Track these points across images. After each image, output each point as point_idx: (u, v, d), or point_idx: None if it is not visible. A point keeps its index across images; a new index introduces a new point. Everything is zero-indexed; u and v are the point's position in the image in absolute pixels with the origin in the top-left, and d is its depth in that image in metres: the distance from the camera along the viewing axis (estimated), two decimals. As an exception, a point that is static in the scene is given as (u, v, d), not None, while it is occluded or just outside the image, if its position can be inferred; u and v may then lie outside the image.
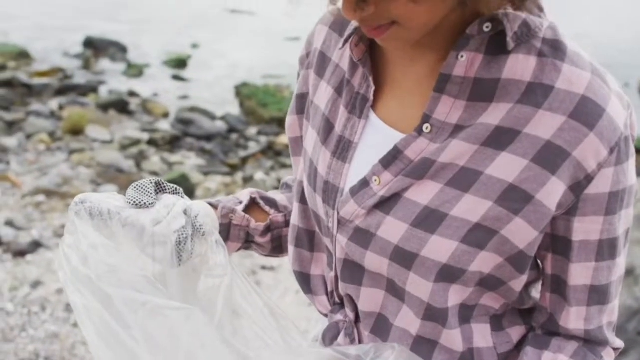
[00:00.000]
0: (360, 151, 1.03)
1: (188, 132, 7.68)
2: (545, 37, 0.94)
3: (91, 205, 1.02)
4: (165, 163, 6.70)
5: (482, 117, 0.94)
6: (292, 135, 1.20)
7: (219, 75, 9.91)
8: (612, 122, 0.92)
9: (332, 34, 1.12)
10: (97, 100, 8.34)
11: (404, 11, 0.86)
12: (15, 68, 9.36)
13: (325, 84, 1.11)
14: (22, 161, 6.32)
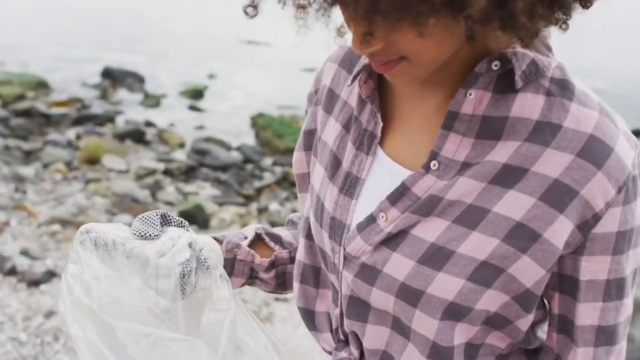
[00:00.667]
0: (368, 187, 1.03)
1: (203, 162, 7.71)
2: (554, 76, 0.95)
3: (96, 235, 1.02)
4: (180, 193, 6.73)
5: (490, 154, 0.94)
6: (299, 171, 1.20)
7: (235, 105, 9.97)
8: (620, 161, 0.92)
9: (341, 71, 1.13)
10: (113, 130, 8.40)
11: (412, 46, 0.86)
12: (33, 98, 9.46)
13: (333, 121, 1.12)
14: (38, 190, 6.36)
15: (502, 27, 0.81)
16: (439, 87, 0.99)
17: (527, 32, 0.83)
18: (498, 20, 0.80)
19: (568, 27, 0.88)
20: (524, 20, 0.80)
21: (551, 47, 0.97)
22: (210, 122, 9.37)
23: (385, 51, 0.88)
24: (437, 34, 0.85)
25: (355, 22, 0.83)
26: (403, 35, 0.84)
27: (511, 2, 0.78)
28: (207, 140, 8.36)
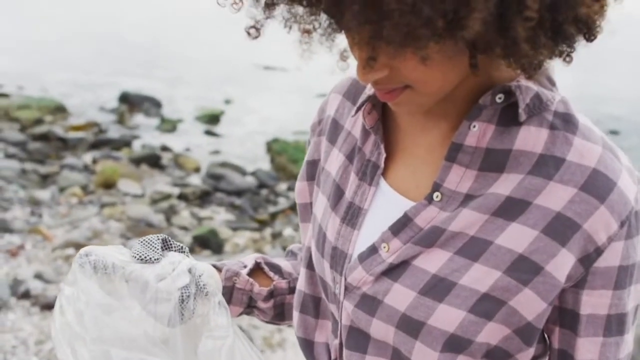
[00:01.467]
0: (370, 218, 1.04)
1: (218, 187, 7.73)
2: (557, 110, 0.96)
3: (96, 258, 1.03)
4: (195, 218, 6.74)
5: (493, 187, 0.94)
6: (301, 201, 1.21)
7: (251, 130, 10.02)
8: (623, 195, 0.92)
9: (345, 102, 1.14)
10: (130, 155, 8.45)
11: (416, 74, 0.87)
12: (51, 122, 9.54)
13: (337, 151, 1.12)
14: (54, 214, 6.40)
15: (504, 55, 0.82)
16: (443, 118, 0.99)
17: (529, 62, 0.84)
18: (500, 48, 0.81)
19: (572, 59, 0.89)
20: (526, 49, 0.80)
21: (555, 82, 0.98)
22: (225, 147, 9.40)
23: (390, 79, 0.88)
24: (441, 63, 0.85)
25: (359, 47, 0.84)
26: (407, 62, 0.85)
27: (513, 30, 0.78)
28: (223, 165, 8.38)
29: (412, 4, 0.74)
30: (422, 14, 0.75)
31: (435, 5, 0.74)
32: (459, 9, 0.75)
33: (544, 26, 0.80)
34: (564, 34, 0.82)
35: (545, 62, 0.87)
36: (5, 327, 4.25)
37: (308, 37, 0.83)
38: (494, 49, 0.81)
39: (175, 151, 8.95)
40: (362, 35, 0.80)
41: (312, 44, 0.83)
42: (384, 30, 0.77)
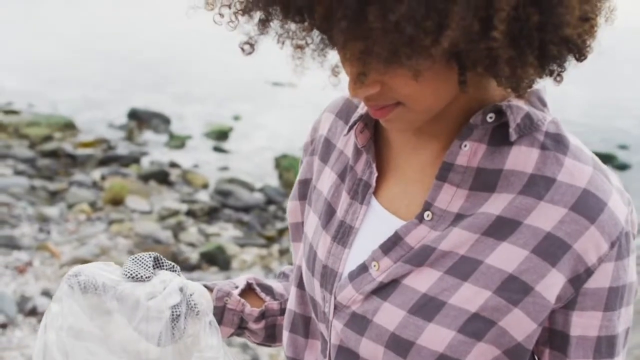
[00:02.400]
0: (361, 237, 1.04)
1: (226, 203, 7.74)
2: (548, 130, 0.96)
3: (85, 279, 1.02)
4: (202, 234, 6.74)
5: (484, 206, 0.94)
6: (292, 220, 1.21)
7: (259, 147, 10.03)
8: (613, 216, 0.92)
9: (338, 121, 1.14)
10: (138, 171, 8.47)
11: (407, 91, 0.87)
12: (61, 139, 9.58)
13: (329, 170, 1.12)
14: (62, 231, 6.42)
15: (488, 74, 0.83)
16: (434, 137, 0.99)
17: (518, 81, 0.84)
18: (483, 67, 0.81)
19: (562, 79, 0.90)
20: (505, 69, 0.81)
21: (546, 102, 0.98)
22: (234, 163, 9.42)
23: (381, 96, 0.89)
24: (432, 80, 0.86)
25: (350, 62, 0.85)
26: (397, 78, 0.85)
27: (493, 50, 0.79)
28: (231, 182, 8.40)
29: (395, 22, 0.75)
30: (405, 32, 0.76)
31: (418, 23, 0.75)
32: (440, 26, 0.76)
33: (531, 46, 0.81)
34: (551, 53, 0.83)
35: (535, 81, 0.88)
36: (12, 344, 4.25)
37: (300, 52, 0.83)
38: (477, 67, 0.82)
39: (184, 168, 8.98)
40: (352, 51, 0.81)
41: (305, 60, 0.84)
42: (375, 47, 0.78)
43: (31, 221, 6.58)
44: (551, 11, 0.80)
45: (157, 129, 10.55)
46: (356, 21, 0.77)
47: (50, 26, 16.66)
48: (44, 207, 7.00)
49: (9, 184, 7.48)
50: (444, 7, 0.75)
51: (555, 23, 0.80)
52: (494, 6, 0.77)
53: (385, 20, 0.75)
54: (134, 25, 17.02)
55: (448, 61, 0.83)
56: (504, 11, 0.77)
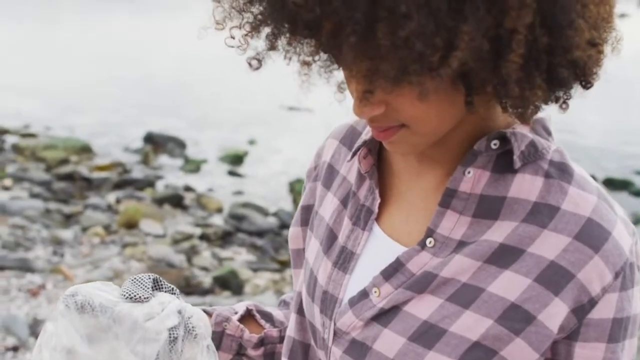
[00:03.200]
0: (362, 263, 1.03)
1: (240, 227, 7.73)
2: (553, 159, 0.95)
3: (82, 298, 1.01)
4: (215, 258, 6.74)
5: (487, 233, 0.94)
6: (294, 247, 1.20)
7: (274, 171, 10.04)
8: (617, 246, 0.91)
9: (342, 147, 1.14)
10: (153, 195, 8.49)
11: (412, 112, 0.87)
12: (77, 162, 9.63)
13: (331, 196, 1.12)
14: (76, 254, 6.43)
15: (495, 94, 0.82)
16: (438, 164, 0.99)
17: (524, 106, 0.83)
18: (492, 87, 0.81)
19: (568, 107, 0.89)
20: (515, 90, 0.81)
21: (551, 131, 0.98)
22: (248, 188, 9.42)
23: (386, 117, 0.88)
24: (437, 102, 0.85)
25: (356, 80, 0.85)
26: (403, 99, 0.85)
27: (504, 70, 0.79)
28: (245, 206, 8.40)
29: (405, 38, 0.75)
30: (414, 49, 0.76)
31: (427, 40, 0.75)
32: (449, 44, 0.76)
33: (539, 68, 0.81)
34: (559, 77, 0.82)
35: (541, 107, 0.88)
36: (22, 367, 4.25)
37: (307, 69, 0.83)
38: (486, 88, 0.81)
39: (198, 191, 8.99)
40: (359, 68, 0.81)
41: (311, 76, 0.84)
42: (380, 64, 0.78)
43: (45, 244, 6.60)
44: (561, 33, 0.80)
45: (173, 153, 10.58)
46: (364, 38, 0.77)
47: (68, 50, 16.83)
48: (58, 230, 7.02)
49: (24, 207, 7.52)
50: (454, 24, 0.75)
51: (564, 46, 0.80)
52: (504, 26, 0.77)
53: (394, 37, 0.75)
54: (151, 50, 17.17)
55: (454, 82, 0.83)
56: (520, 34, 0.77)
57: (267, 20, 0.83)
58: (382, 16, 0.76)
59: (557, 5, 0.79)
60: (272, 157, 10.72)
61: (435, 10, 0.75)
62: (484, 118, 0.95)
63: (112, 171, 9.40)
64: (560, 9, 0.80)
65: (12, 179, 8.61)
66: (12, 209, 7.42)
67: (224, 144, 11.07)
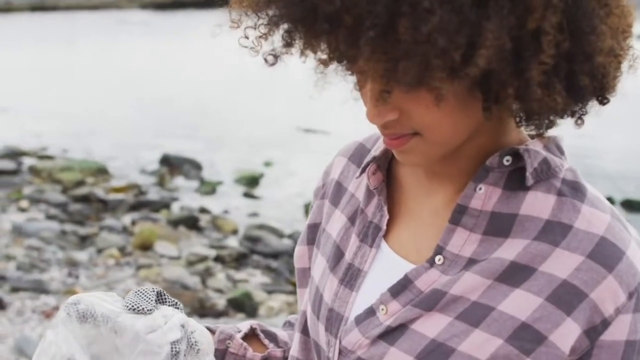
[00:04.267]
0: (369, 280, 1.01)
1: (255, 249, 7.72)
2: (565, 177, 0.94)
3: (84, 307, 0.99)
4: (230, 280, 6.72)
5: (497, 251, 0.91)
6: (300, 265, 1.19)
7: (290, 193, 10.03)
8: (631, 266, 0.89)
9: (350, 165, 1.13)
10: (168, 216, 8.50)
11: (427, 119, 0.85)
12: (93, 184, 9.67)
13: (339, 213, 1.10)
14: (90, 275, 6.43)
15: (516, 97, 0.80)
16: (449, 180, 0.97)
17: (541, 109, 0.82)
18: (513, 89, 0.79)
19: (583, 123, 0.88)
20: (538, 92, 0.79)
21: (564, 151, 0.96)
22: (264, 210, 9.42)
23: (399, 123, 0.87)
24: (453, 109, 0.84)
25: (372, 78, 0.83)
26: (419, 103, 0.83)
27: (527, 72, 0.78)
28: (260, 228, 8.39)
29: (427, 34, 0.74)
30: (437, 45, 0.74)
31: (450, 36, 0.74)
32: (472, 42, 0.75)
33: (559, 75, 0.80)
34: (578, 84, 0.81)
35: (556, 122, 0.87)
36: (34, 390, 4.23)
37: (324, 67, 0.82)
38: (507, 89, 0.80)
39: (214, 213, 9.00)
40: (376, 67, 0.79)
41: (327, 75, 0.83)
42: (400, 63, 0.76)
43: (60, 265, 6.61)
44: (583, 39, 0.79)
45: (189, 175, 10.61)
46: (384, 33, 0.75)
47: (85, 73, 16.99)
48: (73, 251, 7.03)
49: (40, 228, 7.56)
50: (477, 21, 0.74)
51: (585, 52, 0.80)
52: (527, 27, 0.76)
53: (416, 32, 0.74)
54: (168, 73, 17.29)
55: (471, 88, 0.82)
56: (549, 34, 0.77)
57: (283, 18, 0.81)
58: (404, 11, 0.74)
59: (580, 9, 0.79)
60: (288, 179, 10.72)
61: (458, 5, 0.74)
62: (497, 133, 0.93)
63: (127, 193, 9.43)
64: (583, 14, 0.79)
65: (29, 201, 8.66)
66: (28, 231, 7.46)
67: (240, 165, 11.09)
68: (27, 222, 7.79)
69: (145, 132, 12.85)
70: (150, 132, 12.80)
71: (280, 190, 10.29)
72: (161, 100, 14.86)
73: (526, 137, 0.96)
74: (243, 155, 11.78)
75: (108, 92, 15.19)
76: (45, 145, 11.55)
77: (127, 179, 10.12)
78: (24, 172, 10.04)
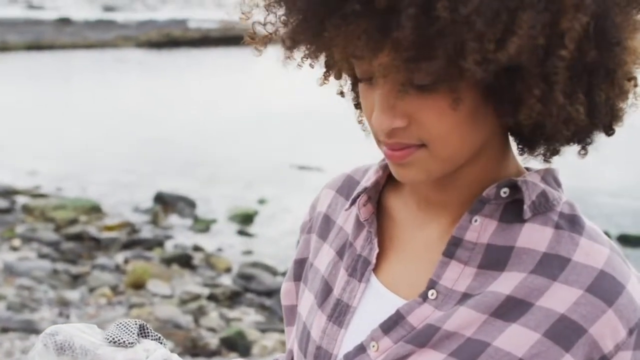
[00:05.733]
0: (359, 316, 0.97)
1: (249, 287, 7.66)
2: (563, 211, 0.91)
3: (62, 339, 0.95)
4: (223, 319, 6.64)
5: (493, 285, 0.88)
6: (287, 303, 1.15)
7: (284, 230, 9.98)
8: (632, 301, 0.86)
9: (339, 197, 1.10)
10: (161, 255, 8.44)
11: (436, 130, 0.83)
12: (86, 222, 9.61)
13: (327, 247, 1.07)
14: (81, 315, 6.35)
15: (540, 98, 0.79)
16: (443, 210, 0.95)
17: (563, 117, 0.81)
18: (539, 90, 0.79)
19: (587, 153, 0.88)
20: (560, 99, 0.79)
21: (561, 183, 0.94)
22: (258, 247, 9.36)
23: (407, 133, 0.84)
24: (463, 120, 0.82)
25: (386, 81, 0.81)
26: (433, 108, 0.82)
27: (553, 75, 0.78)
28: (254, 265, 8.33)
29: (466, 15, 0.73)
30: (475, 27, 0.74)
31: (488, 20, 0.73)
32: (507, 29, 0.75)
33: (581, 85, 0.80)
34: (595, 100, 0.81)
35: (561, 150, 0.87)
36: None
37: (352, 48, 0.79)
38: (532, 90, 0.79)
39: (207, 251, 8.93)
40: (403, 56, 0.77)
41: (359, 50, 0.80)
42: (435, 42, 0.75)
43: (51, 305, 6.53)
44: (607, 50, 0.79)
45: (182, 213, 10.56)
46: (424, 9, 0.74)
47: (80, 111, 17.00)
48: (65, 290, 6.96)
49: (31, 267, 7.48)
50: (514, 9, 0.75)
51: (608, 66, 0.80)
52: (560, 26, 0.76)
53: (455, 13, 0.73)
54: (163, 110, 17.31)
55: (486, 98, 0.81)
56: (575, 31, 0.76)
57: None
58: None
59: (608, 20, 0.79)
60: (282, 216, 10.68)
61: None
62: (495, 161, 0.91)
63: (121, 231, 9.37)
64: (611, 25, 0.79)
65: (21, 240, 8.59)
66: (20, 270, 7.39)
67: (234, 203, 11.06)
68: (18, 261, 7.72)
69: (139, 169, 12.83)
70: (144, 170, 12.78)
71: (275, 227, 10.25)
72: (156, 138, 14.86)
73: (523, 169, 0.95)
74: (237, 192, 11.75)
75: (103, 130, 15.19)
76: (39, 184, 11.50)
77: (120, 217, 10.07)
78: (17, 210, 9.97)
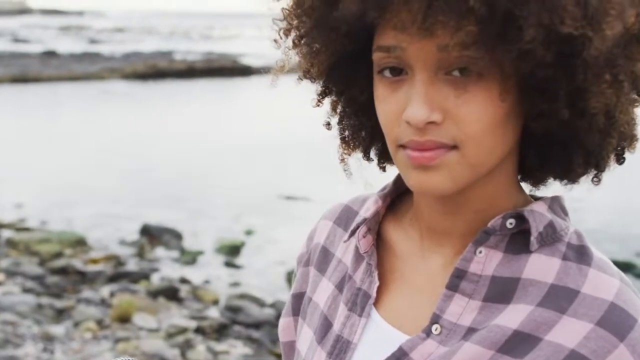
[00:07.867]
0: (359, 353, 0.93)
1: (236, 319, 7.56)
2: (570, 241, 0.88)
3: None
4: (210, 352, 6.54)
5: (499, 318, 0.84)
6: (285, 339, 1.11)
7: (271, 261, 9.91)
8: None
9: (337, 228, 1.06)
10: (147, 287, 8.33)
11: (472, 129, 0.79)
12: (71, 255, 9.51)
13: (326, 280, 1.03)
14: (66, 350, 6.24)
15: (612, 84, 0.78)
16: (446, 240, 0.91)
17: (607, 124, 0.80)
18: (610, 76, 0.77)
19: (600, 181, 0.87)
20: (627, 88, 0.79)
21: (567, 212, 0.92)
22: (245, 279, 9.28)
23: (442, 130, 0.80)
24: (500, 120, 0.80)
25: (448, 27, 0.75)
26: (474, 101, 0.78)
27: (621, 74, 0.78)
28: (241, 297, 8.24)
29: None
30: None
31: None
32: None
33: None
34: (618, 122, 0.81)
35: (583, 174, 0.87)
36: None
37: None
38: (603, 77, 0.77)
39: (194, 283, 8.84)
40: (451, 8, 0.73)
41: None
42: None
43: (35, 340, 6.42)
44: None
45: (169, 245, 10.47)
46: None
47: (67, 143, 16.93)
48: (49, 325, 6.84)
49: (15, 302, 7.36)
50: None
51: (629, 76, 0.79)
52: (630, 31, 0.75)
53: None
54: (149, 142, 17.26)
55: (522, 96, 0.79)
56: None
57: None
58: None
59: None
60: (270, 247, 10.62)
61: None
62: (503, 188, 0.88)
63: (106, 264, 9.27)
64: None
65: (5, 274, 8.47)
66: (3, 305, 7.27)
67: (221, 234, 10.99)
68: (2, 296, 7.60)
69: (125, 202, 12.75)
70: (130, 202, 12.70)
71: (262, 258, 10.18)
72: (142, 170, 14.80)
73: (529, 197, 0.92)
74: (224, 223, 11.68)
75: (89, 162, 15.12)
76: (24, 217, 11.39)
77: (106, 250, 9.96)
78: (1, 244, 9.86)
